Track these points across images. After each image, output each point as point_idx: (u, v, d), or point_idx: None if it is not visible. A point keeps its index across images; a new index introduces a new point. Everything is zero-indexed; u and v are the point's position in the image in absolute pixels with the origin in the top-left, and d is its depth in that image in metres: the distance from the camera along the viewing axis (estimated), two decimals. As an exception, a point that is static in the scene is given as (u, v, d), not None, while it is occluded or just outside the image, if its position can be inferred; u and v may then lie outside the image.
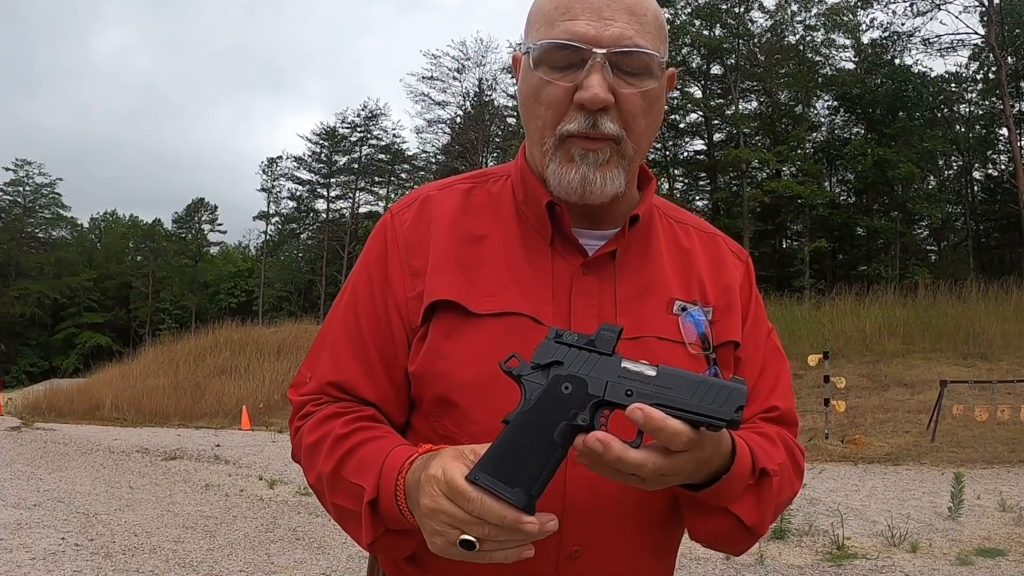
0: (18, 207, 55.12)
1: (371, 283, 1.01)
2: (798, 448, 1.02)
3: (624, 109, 0.91)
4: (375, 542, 0.89)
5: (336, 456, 0.91)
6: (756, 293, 1.10)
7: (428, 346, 0.94)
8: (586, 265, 0.97)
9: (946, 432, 10.69)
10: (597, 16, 0.90)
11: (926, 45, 29.97)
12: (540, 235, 0.99)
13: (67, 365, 49.16)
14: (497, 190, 1.04)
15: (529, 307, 0.94)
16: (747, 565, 5.03)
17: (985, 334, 14.86)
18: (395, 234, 1.02)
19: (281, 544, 5.66)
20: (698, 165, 36.14)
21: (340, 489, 0.91)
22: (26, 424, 16.32)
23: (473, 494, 0.73)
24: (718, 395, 0.74)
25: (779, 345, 1.10)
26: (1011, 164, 28.44)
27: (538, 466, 0.75)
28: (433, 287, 0.95)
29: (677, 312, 0.99)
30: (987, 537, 5.70)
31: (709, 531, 0.93)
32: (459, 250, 0.98)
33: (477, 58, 39.48)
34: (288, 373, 20.53)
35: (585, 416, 0.76)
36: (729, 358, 1.01)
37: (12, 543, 5.44)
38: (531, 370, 0.79)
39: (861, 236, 33.59)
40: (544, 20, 0.93)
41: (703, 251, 1.07)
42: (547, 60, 0.92)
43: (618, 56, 0.90)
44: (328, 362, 1.00)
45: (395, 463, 0.85)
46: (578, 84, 0.90)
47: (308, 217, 51.61)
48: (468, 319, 0.93)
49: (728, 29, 32.16)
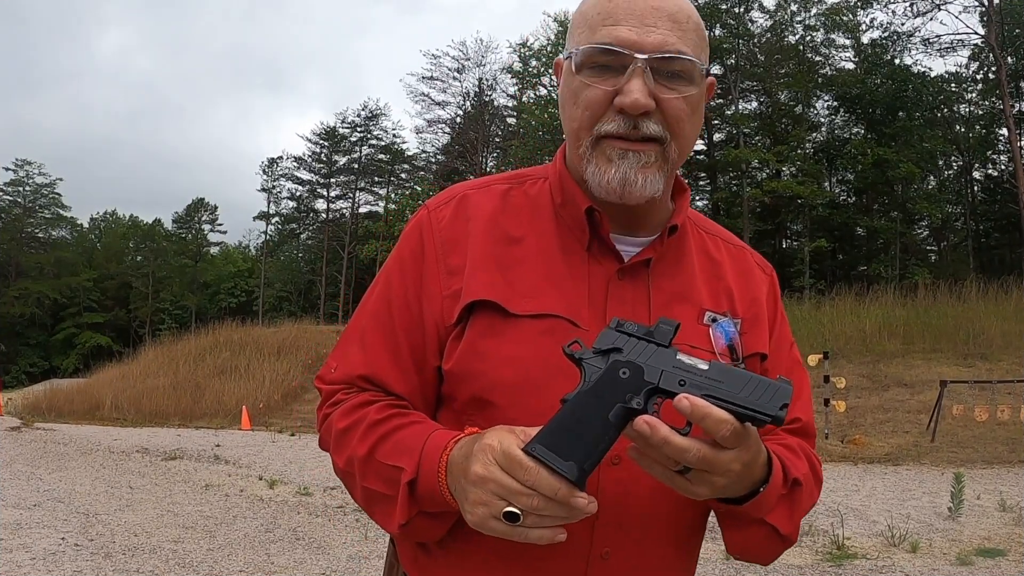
0: (18, 207, 55.13)
1: (405, 278, 1.01)
2: (816, 459, 1.05)
3: (667, 113, 0.92)
4: (408, 523, 0.89)
5: (371, 440, 0.92)
6: (781, 307, 1.13)
7: (465, 345, 0.95)
8: (622, 271, 0.98)
9: (946, 432, 10.70)
10: (639, 22, 0.91)
11: (926, 45, 30.01)
12: (577, 239, 1.00)
13: (67, 365, 49.17)
14: (535, 192, 1.05)
15: (566, 310, 0.95)
16: (747, 565, 5.03)
17: (985, 334, 14.86)
18: (432, 231, 1.02)
19: (281, 544, 5.65)
20: (698, 165, 36.12)
21: (373, 472, 0.92)
22: (26, 424, 16.33)
23: (529, 463, 0.75)
24: (765, 391, 0.77)
25: (800, 359, 1.13)
26: (1011, 164, 28.44)
27: (592, 444, 0.78)
28: (472, 287, 0.96)
29: (708, 323, 1.01)
30: (987, 537, 5.70)
31: (747, 543, 0.95)
32: (497, 250, 0.99)
33: (477, 58, 39.49)
34: (288, 373, 20.54)
35: (640, 400, 0.79)
36: (756, 369, 1.03)
37: (12, 543, 5.43)
38: (592, 355, 0.82)
39: (861, 236, 33.60)
40: (587, 25, 0.94)
41: (731, 264, 1.09)
42: (589, 64, 0.93)
43: (659, 62, 0.90)
44: (358, 354, 1.01)
45: (438, 443, 0.87)
46: (619, 89, 0.91)
47: (308, 217, 51.66)
48: (506, 319, 0.94)
49: (728, 29, 32.18)
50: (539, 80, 33.29)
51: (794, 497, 0.93)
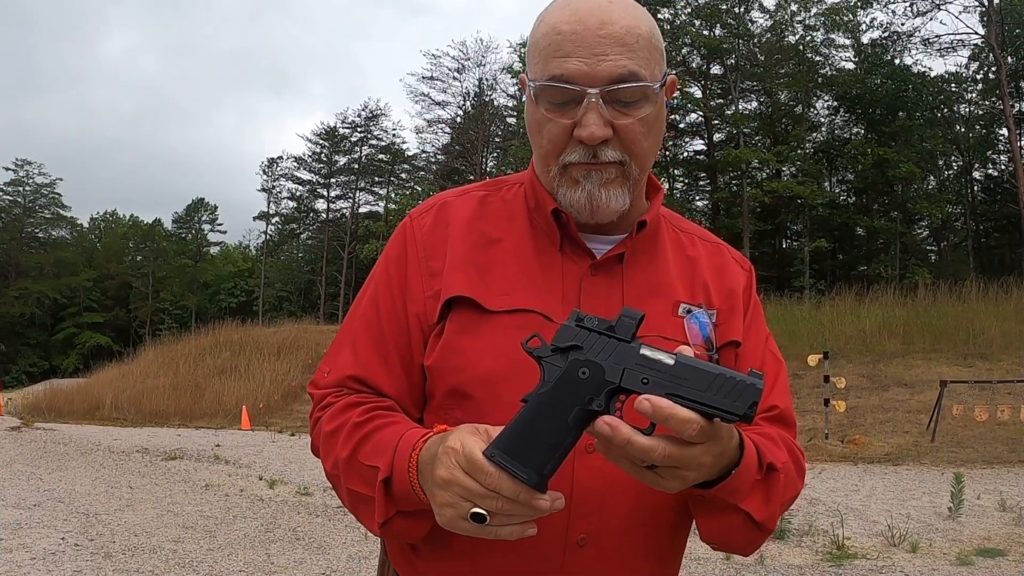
0: (18, 207, 55.14)
1: (391, 283, 1.05)
2: (798, 449, 1.04)
3: (624, 138, 0.95)
4: (387, 523, 0.91)
5: (353, 442, 0.95)
6: (756, 299, 1.14)
7: (444, 341, 0.98)
8: (594, 267, 1.01)
9: (946, 432, 10.70)
10: (589, 53, 0.92)
11: (926, 45, 30.03)
12: (550, 240, 1.03)
13: (67, 365, 49.18)
14: (511, 197, 1.09)
15: (541, 306, 0.98)
16: (747, 565, 5.03)
17: (985, 334, 14.86)
18: (414, 237, 1.07)
19: (281, 544, 5.65)
20: (698, 165, 36.13)
21: (355, 473, 0.94)
22: (26, 424, 16.31)
23: (490, 468, 0.76)
24: (733, 389, 0.75)
25: (777, 350, 1.14)
26: (1011, 164, 28.45)
27: (551, 448, 0.76)
28: (449, 284, 1.00)
29: (682, 314, 1.03)
30: (987, 537, 5.70)
31: (720, 530, 0.94)
32: (474, 253, 1.03)
33: (477, 58, 39.58)
34: (288, 373, 20.54)
35: (600, 402, 0.77)
36: (730, 357, 1.05)
37: (12, 543, 5.43)
38: (551, 352, 0.80)
39: (861, 236, 33.62)
40: (540, 56, 0.96)
41: (707, 259, 1.11)
42: (546, 97, 0.95)
43: (612, 92, 0.92)
44: (348, 357, 1.04)
45: (409, 442, 0.89)
46: (576, 121, 0.93)
47: (308, 217, 51.66)
48: (483, 316, 0.98)
49: (728, 29, 32.16)
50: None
51: (770, 483, 0.92)
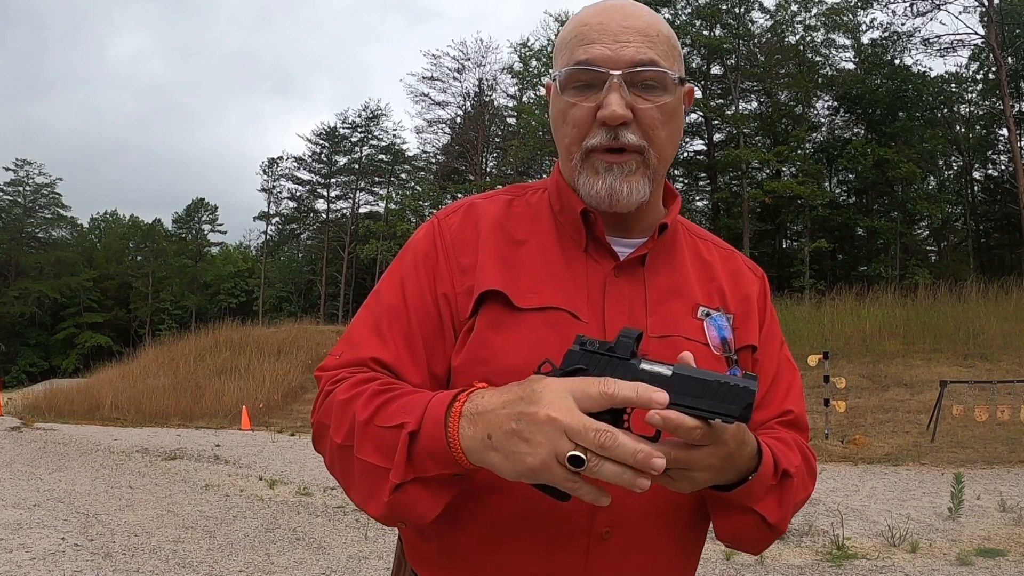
0: (18, 207, 55.13)
1: (419, 277, 1.05)
2: (811, 452, 1.09)
3: (643, 122, 1.00)
4: (401, 487, 0.87)
5: (374, 405, 0.91)
6: (771, 307, 1.19)
7: (475, 337, 1.00)
8: (618, 268, 1.05)
9: (946, 432, 10.70)
10: (613, 40, 0.99)
11: (926, 45, 30.00)
12: (575, 241, 1.07)
13: (67, 365, 49.16)
14: (535, 201, 1.13)
15: (567, 304, 1.01)
16: (747, 565, 5.03)
17: (985, 334, 14.87)
18: (443, 235, 1.08)
19: (281, 544, 5.66)
20: (698, 165, 36.13)
21: (369, 439, 0.89)
22: (26, 424, 16.32)
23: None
24: (728, 393, 0.80)
25: (791, 357, 1.19)
26: (1011, 164, 28.46)
27: None
28: (482, 279, 1.02)
29: (701, 317, 1.07)
30: (987, 537, 5.70)
31: (734, 529, 0.99)
32: (503, 250, 1.05)
33: (477, 58, 39.50)
34: (288, 373, 20.54)
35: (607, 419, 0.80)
36: (748, 361, 1.10)
37: (12, 543, 5.43)
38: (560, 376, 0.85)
39: (861, 236, 33.59)
40: (566, 48, 1.03)
41: (722, 265, 1.16)
42: (571, 83, 1.01)
43: (633, 75, 0.98)
44: (373, 341, 1.01)
45: (443, 399, 0.86)
46: (599, 103, 0.99)
47: (308, 217, 51.60)
48: (512, 313, 1.00)
49: (728, 29, 32.14)
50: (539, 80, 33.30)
51: (784, 488, 0.97)
